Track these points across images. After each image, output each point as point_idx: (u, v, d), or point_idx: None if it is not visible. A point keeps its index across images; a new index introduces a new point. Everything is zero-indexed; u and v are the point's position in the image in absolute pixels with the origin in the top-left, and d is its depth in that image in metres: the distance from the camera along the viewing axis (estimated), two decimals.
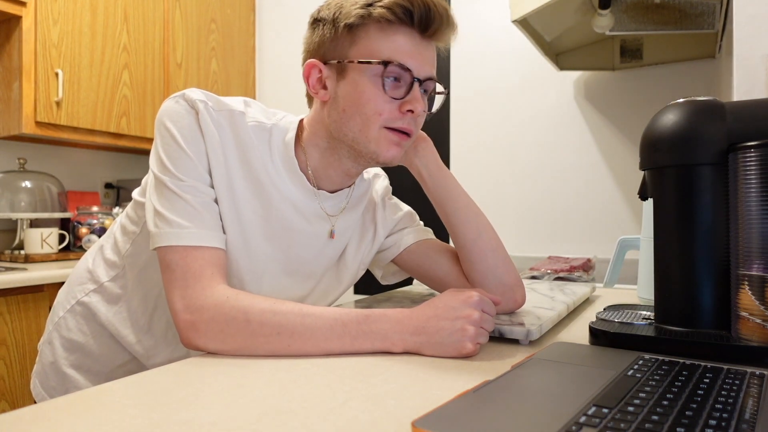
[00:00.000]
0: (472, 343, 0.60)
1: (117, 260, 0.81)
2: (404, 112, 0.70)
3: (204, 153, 0.69)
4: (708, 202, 0.59)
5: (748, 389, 0.44)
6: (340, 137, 0.72)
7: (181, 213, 0.66)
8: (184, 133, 0.69)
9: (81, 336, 0.82)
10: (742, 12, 0.94)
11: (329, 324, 0.62)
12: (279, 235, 0.75)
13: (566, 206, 2.05)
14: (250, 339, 0.61)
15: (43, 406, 0.45)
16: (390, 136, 0.70)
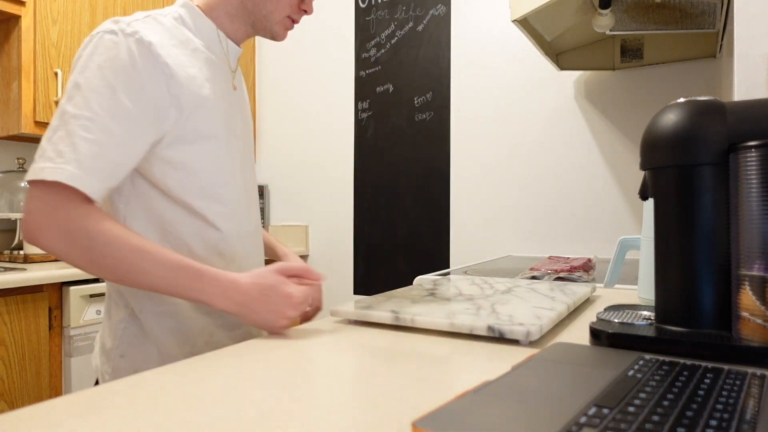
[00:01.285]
0: (286, 323, 0.71)
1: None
2: (302, 9, 0.89)
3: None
4: (708, 202, 0.59)
5: (748, 390, 0.44)
6: (253, 11, 0.87)
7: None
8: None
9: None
10: (743, 11, 0.94)
11: (164, 272, 0.69)
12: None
13: (566, 206, 2.05)
14: (91, 263, 0.69)
15: (42, 406, 0.45)
16: (287, 23, 0.89)
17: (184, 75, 0.77)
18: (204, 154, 0.80)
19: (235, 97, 0.89)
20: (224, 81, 0.86)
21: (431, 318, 0.71)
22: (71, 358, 1.61)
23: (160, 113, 0.75)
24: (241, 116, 0.91)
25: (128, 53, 0.72)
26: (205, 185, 0.81)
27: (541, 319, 0.70)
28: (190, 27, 0.83)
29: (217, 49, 0.86)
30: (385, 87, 2.44)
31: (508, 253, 2.15)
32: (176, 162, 0.78)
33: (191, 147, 0.79)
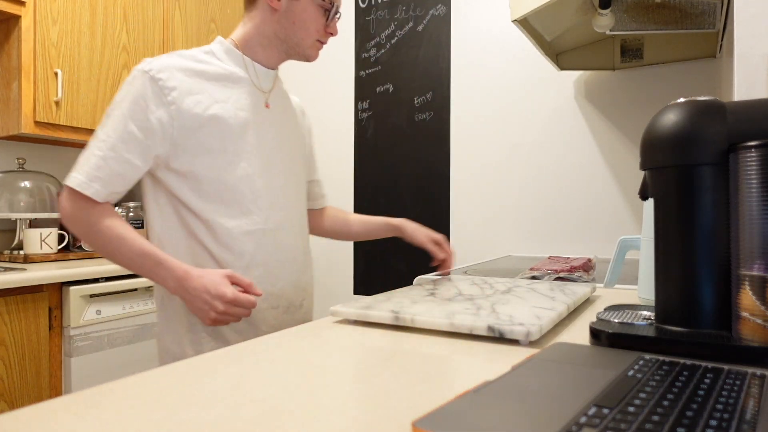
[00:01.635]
0: (210, 321, 0.87)
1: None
2: (328, 33, 1.03)
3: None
4: (708, 202, 0.59)
5: (748, 390, 0.44)
6: (285, 40, 1.02)
7: None
8: None
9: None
10: (743, 11, 0.94)
11: (133, 256, 0.90)
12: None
13: (566, 206, 2.05)
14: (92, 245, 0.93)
15: (42, 406, 0.45)
16: (318, 46, 1.03)
17: (189, 101, 0.93)
18: (207, 164, 0.94)
19: (267, 114, 1.03)
20: (252, 101, 1.01)
21: (431, 318, 0.71)
22: (71, 358, 1.61)
23: (162, 135, 0.92)
24: (276, 129, 1.04)
25: (142, 87, 0.92)
26: (209, 190, 0.95)
27: (541, 319, 0.70)
28: (221, 57, 1.01)
29: (243, 73, 1.01)
30: (385, 87, 2.44)
31: (508, 253, 2.15)
32: (183, 172, 0.94)
33: (195, 159, 0.94)
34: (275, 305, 1.01)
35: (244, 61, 1.02)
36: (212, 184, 0.95)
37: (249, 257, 0.97)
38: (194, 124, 0.93)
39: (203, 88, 0.95)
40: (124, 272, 1.77)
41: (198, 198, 0.95)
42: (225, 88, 0.98)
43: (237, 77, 1.00)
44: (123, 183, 0.92)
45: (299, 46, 1.02)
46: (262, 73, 1.04)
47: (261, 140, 1.00)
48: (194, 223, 0.95)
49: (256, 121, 1.00)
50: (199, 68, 0.96)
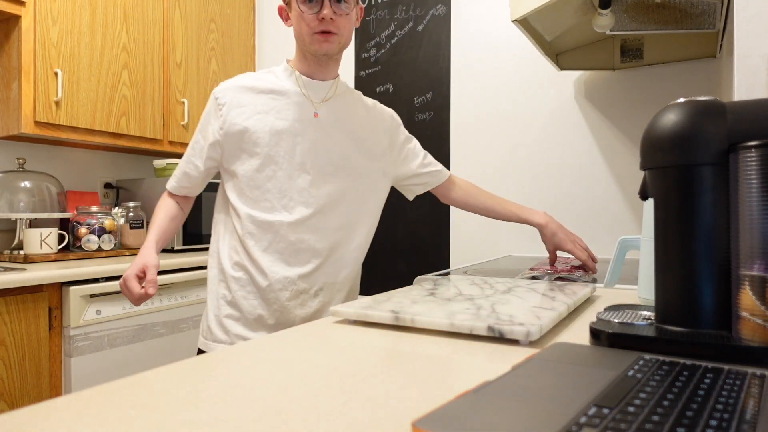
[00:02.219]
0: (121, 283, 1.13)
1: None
2: (320, 20, 1.08)
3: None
4: (708, 202, 0.59)
5: (748, 390, 0.44)
6: (299, 43, 1.15)
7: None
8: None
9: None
10: (743, 11, 0.94)
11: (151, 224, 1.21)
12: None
13: (566, 206, 2.05)
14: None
15: (42, 406, 0.45)
16: (318, 38, 1.10)
17: (234, 112, 1.12)
18: (243, 165, 1.12)
19: (314, 122, 1.15)
20: (298, 110, 1.14)
21: (431, 318, 0.71)
22: (71, 358, 1.61)
23: (214, 141, 1.15)
24: (322, 136, 1.15)
25: (209, 106, 1.17)
26: (243, 186, 1.13)
27: (541, 319, 0.70)
28: (278, 75, 1.18)
29: (294, 87, 1.16)
30: (385, 87, 2.44)
31: (508, 253, 2.15)
32: (229, 171, 1.16)
33: (236, 160, 1.13)
34: (286, 287, 1.13)
35: (294, 76, 1.17)
36: (245, 182, 1.12)
37: (267, 243, 1.12)
38: (235, 131, 1.11)
39: (250, 101, 1.13)
40: (124, 272, 1.77)
41: (236, 192, 1.14)
42: (272, 99, 1.14)
43: (285, 90, 1.15)
44: (189, 180, 1.21)
45: (305, 44, 1.12)
46: (311, 85, 1.17)
47: (297, 147, 1.13)
48: (232, 213, 1.15)
49: (294, 129, 1.13)
50: (253, 84, 1.15)
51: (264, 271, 1.12)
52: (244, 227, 1.13)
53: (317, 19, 1.08)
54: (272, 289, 1.12)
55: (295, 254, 1.13)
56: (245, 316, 1.13)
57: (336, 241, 1.18)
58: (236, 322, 1.13)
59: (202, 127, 1.17)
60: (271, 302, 1.13)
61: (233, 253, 1.15)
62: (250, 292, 1.13)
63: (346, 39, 1.14)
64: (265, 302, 1.13)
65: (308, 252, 1.14)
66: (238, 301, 1.13)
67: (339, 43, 1.13)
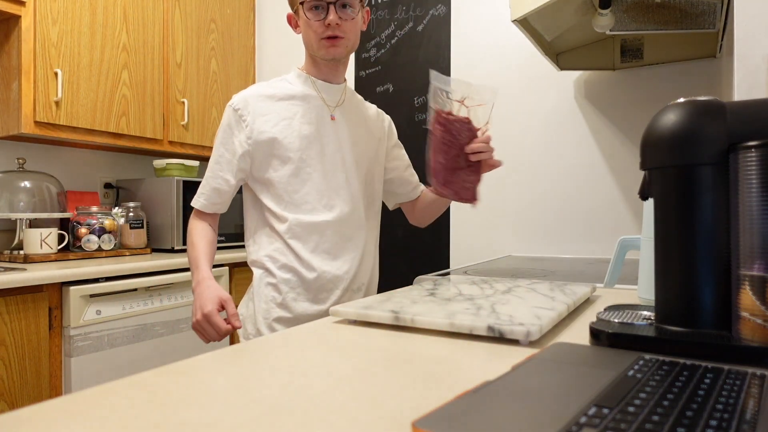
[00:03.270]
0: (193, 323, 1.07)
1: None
2: (326, 26, 1.11)
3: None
4: (708, 202, 0.59)
5: (748, 390, 0.44)
6: (308, 49, 1.18)
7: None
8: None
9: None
10: (743, 11, 0.94)
11: (189, 258, 1.17)
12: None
13: (566, 206, 2.05)
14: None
15: (42, 406, 0.45)
16: (325, 44, 1.13)
17: (260, 121, 1.13)
18: (278, 171, 1.14)
19: (332, 125, 1.19)
20: (318, 114, 1.18)
21: (431, 318, 0.71)
22: (71, 358, 1.61)
23: (242, 152, 1.14)
24: (340, 138, 1.19)
25: (228, 119, 1.17)
26: (281, 193, 1.15)
27: (541, 319, 0.70)
28: (291, 81, 1.20)
29: (311, 91, 1.19)
30: (385, 87, 2.44)
31: (508, 254, 2.15)
32: (262, 179, 1.16)
33: (269, 168, 1.14)
34: (338, 286, 1.17)
35: (309, 81, 1.20)
36: (283, 187, 1.14)
37: (314, 245, 1.15)
38: (264, 140, 1.13)
39: (272, 109, 1.15)
40: (124, 272, 1.77)
41: (273, 199, 1.16)
42: (293, 105, 1.16)
43: (304, 95, 1.18)
44: (219, 195, 1.18)
45: (314, 50, 1.15)
46: (326, 89, 1.20)
47: (325, 148, 1.17)
48: (272, 220, 1.16)
49: (320, 132, 1.17)
50: (270, 92, 1.17)
51: (315, 270, 1.14)
52: (289, 231, 1.15)
53: (323, 25, 1.10)
54: (324, 288, 1.15)
55: (341, 252, 1.17)
56: (296, 317, 1.15)
57: (368, 234, 1.24)
58: (286, 324, 1.15)
59: (225, 140, 1.17)
60: (322, 301, 1.16)
61: (280, 255, 1.16)
62: (300, 294, 1.15)
63: (354, 42, 1.17)
64: (315, 302, 1.16)
65: (352, 248, 1.19)
66: (288, 303, 1.15)
67: (346, 47, 1.15)
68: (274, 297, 1.16)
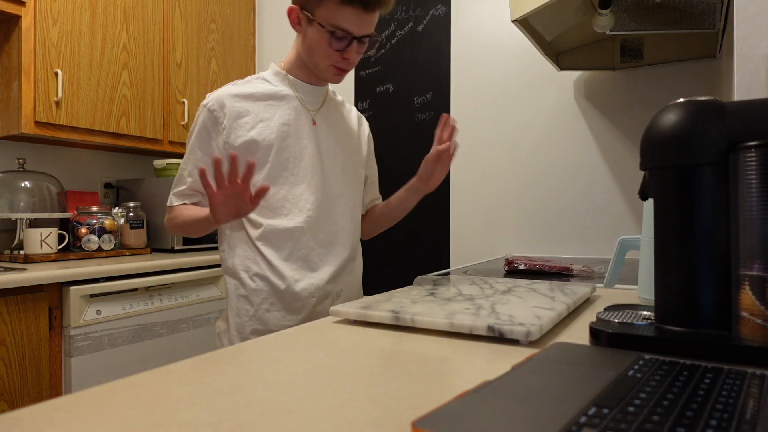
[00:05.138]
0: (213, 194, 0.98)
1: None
2: (344, 59, 1.08)
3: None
4: (708, 202, 0.59)
5: (748, 390, 0.44)
6: (307, 62, 1.12)
7: None
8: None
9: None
10: (743, 11, 0.94)
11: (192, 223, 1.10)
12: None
13: (566, 206, 2.05)
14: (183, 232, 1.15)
15: (42, 406, 0.45)
16: (333, 71, 1.10)
17: (237, 124, 1.08)
18: (255, 177, 1.08)
19: (313, 129, 1.14)
20: (297, 116, 1.13)
21: (431, 318, 0.71)
22: (71, 358, 1.61)
23: (220, 154, 1.09)
24: (321, 143, 1.15)
25: (203, 120, 1.11)
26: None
27: (541, 319, 0.70)
28: (269, 80, 1.15)
29: (290, 92, 1.14)
30: (385, 87, 2.44)
31: (508, 254, 2.15)
32: None
33: (240, 172, 1.07)
34: (315, 294, 1.11)
35: (288, 80, 1.15)
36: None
37: (288, 252, 1.10)
38: (241, 144, 1.08)
39: (250, 110, 1.10)
40: (124, 272, 1.77)
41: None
42: (271, 106, 1.12)
43: (283, 95, 1.13)
44: (195, 193, 1.15)
45: (317, 69, 1.11)
46: (307, 90, 1.16)
47: (303, 151, 1.12)
48: (246, 225, 1.11)
49: (299, 135, 1.12)
50: (247, 92, 1.12)
51: (287, 279, 1.09)
52: (262, 237, 1.10)
53: (341, 57, 1.07)
54: (298, 297, 1.10)
55: (318, 259, 1.12)
56: (270, 329, 1.09)
57: (349, 239, 1.19)
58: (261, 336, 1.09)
59: (202, 143, 1.11)
60: (297, 311, 1.10)
61: (252, 264, 1.11)
62: (273, 304, 1.10)
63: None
64: (290, 312, 1.10)
65: (331, 254, 1.14)
66: (261, 315, 1.10)
67: (346, 74, 1.14)
68: (247, 310, 1.10)
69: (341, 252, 1.16)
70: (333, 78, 1.11)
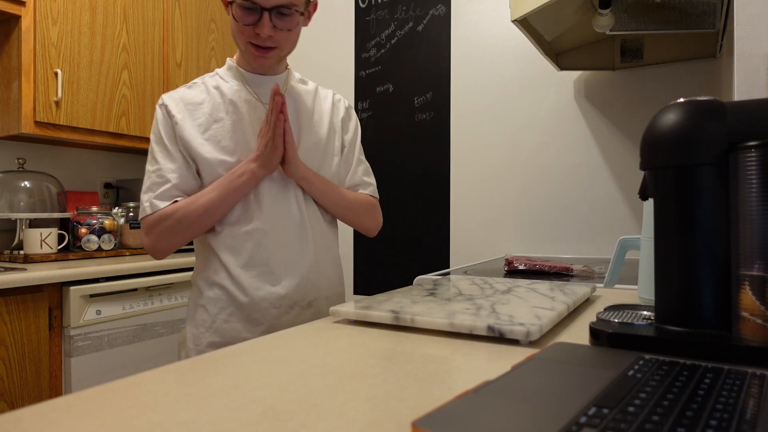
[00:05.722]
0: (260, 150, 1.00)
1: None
2: (257, 34, 0.99)
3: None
4: (708, 202, 0.59)
5: (748, 390, 0.44)
6: (238, 47, 1.06)
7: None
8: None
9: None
10: (743, 11, 0.94)
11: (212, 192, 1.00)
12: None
13: (566, 206, 2.05)
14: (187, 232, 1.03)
15: (42, 406, 0.45)
16: (252, 50, 1.02)
17: (189, 125, 1.03)
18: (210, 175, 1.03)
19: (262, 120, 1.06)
20: (248, 112, 1.06)
21: (431, 318, 0.71)
22: (71, 358, 1.61)
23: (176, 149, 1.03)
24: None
25: (158, 117, 1.06)
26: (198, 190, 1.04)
27: (541, 319, 0.70)
28: (223, 76, 1.09)
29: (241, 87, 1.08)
30: (385, 87, 2.44)
31: (508, 254, 2.15)
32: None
33: (202, 171, 1.03)
34: (277, 305, 1.03)
35: (240, 74, 1.09)
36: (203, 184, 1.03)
37: (248, 256, 1.02)
38: (196, 144, 1.02)
39: (199, 114, 1.04)
40: (124, 272, 1.77)
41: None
42: (222, 105, 1.05)
43: (233, 91, 1.07)
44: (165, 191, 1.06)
45: (242, 52, 1.05)
46: (258, 82, 1.09)
47: (246, 143, 1.04)
48: (207, 232, 1.05)
49: (254, 132, 1.05)
50: (197, 98, 1.06)
51: (246, 288, 1.02)
52: (222, 243, 1.03)
53: (253, 32, 0.99)
54: (258, 308, 1.02)
55: (280, 264, 1.04)
56: (228, 342, 1.02)
57: (321, 240, 1.11)
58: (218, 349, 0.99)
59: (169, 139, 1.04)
60: (258, 322, 1.02)
61: (210, 272, 1.04)
62: (231, 315, 1.02)
63: (289, 49, 1.05)
64: (250, 323, 1.02)
65: (297, 259, 1.05)
66: (219, 327, 1.02)
67: (279, 57, 1.04)
68: (204, 320, 1.03)
69: (307, 256, 1.07)
70: (255, 59, 1.03)
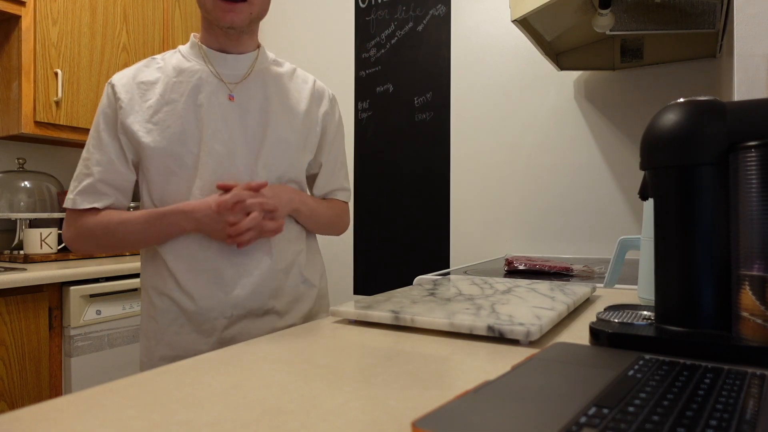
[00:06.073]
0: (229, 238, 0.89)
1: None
2: None
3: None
4: (708, 202, 0.59)
5: (748, 390, 0.44)
6: (202, 9, 0.97)
7: None
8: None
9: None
10: (743, 11, 0.94)
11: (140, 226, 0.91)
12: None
13: (566, 206, 2.05)
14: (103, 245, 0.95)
15: (42, 406, 0.45)
16: (221, 5, 0.92)
17: (138, 108, 0.93)
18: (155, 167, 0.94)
19: (230, 106, 0.96)
20: (207, 94, 0.96)
21: (431, 318, 0.71)
22: (71, 358, 1.61)
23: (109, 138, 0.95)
24: (240, 123, 0.97)
25: (102, 99, 0.97)
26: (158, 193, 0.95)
27: (541, 319, 0.70)
28: (184, 54, 1.00)
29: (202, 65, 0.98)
30: (385, 87, 2.44)
31: (508, 254, 2.15)
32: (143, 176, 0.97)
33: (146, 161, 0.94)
34: (227, 314, 0.93)
35: (202, 51, 0.99)
36: (159, 189, 0.94)
37: (195, 261, 0.92)
38: (141, 132, 0.92)
39: (155, 92, 0.94)
40: (124, 272, 1.77)
41: (149, 200, 0.96)
42: (179, 85, 0.95)
43: (193, 71, 0.96)
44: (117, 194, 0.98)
45: (208, 11, 0.95)
46: (221, 62, 0.98)
47: (216, 136, 0.93)
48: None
49: (210, 117, 0.93)
50: (151, 77, 0.96)
51: (193, 295, 0.92)
52: (168, 247, 0.93)
53: None
54: (207, 318, 0.92)
55: (231, 269, 0.93)
56: (180, 355, 0.93)
57: (285, 240, 1.00)
58: (170, 362, 0.86)
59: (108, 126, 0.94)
60: (208, 333, 0.93)
61: (158, 280, 0.94)
62: (182, 326, 0.93)
63: (261, 8, 0.95)
64: (201, 334, 0.93)
65: (253, 262, 0.95)
66: (170, 339, 0.93)
67: (250, 14, 0.94)
68: (155, 332, 0.94)
69: (264, 259, 0.95)
70: (224, 15, 0.92)
